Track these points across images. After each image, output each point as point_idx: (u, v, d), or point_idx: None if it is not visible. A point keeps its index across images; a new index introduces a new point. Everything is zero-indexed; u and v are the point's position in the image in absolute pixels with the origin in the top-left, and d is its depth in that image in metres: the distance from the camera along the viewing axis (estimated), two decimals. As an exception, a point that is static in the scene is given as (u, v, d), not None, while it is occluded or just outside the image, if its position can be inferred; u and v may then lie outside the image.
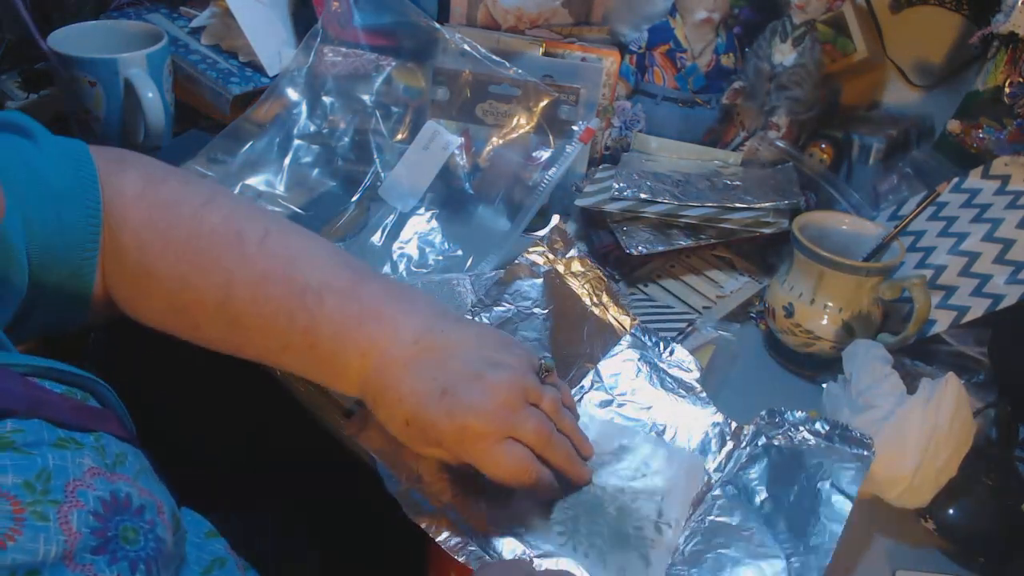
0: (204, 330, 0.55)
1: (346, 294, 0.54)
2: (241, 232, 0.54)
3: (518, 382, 0.51)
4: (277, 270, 0.54)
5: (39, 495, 0.36)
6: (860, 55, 0.94)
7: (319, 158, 0.86)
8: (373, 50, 0.88)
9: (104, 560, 0.37)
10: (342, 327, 0.53)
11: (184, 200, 0.55)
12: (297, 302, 0.53)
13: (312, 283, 0.53)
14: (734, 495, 0.55)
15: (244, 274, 0.53)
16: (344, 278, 0.54)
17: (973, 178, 0.77)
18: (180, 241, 0.53)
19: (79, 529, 0.36)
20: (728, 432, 0.60)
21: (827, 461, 0.55)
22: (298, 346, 0.53)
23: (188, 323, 0.55)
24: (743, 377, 0.69)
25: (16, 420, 0.38)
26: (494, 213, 0.86)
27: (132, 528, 0.39)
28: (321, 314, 0.52)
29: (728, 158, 0.87)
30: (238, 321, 0.53)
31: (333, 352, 0.53)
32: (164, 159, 0.83)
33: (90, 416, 0.42)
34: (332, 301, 0.53)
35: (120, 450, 0.42)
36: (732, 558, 0.51)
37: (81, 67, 0.81)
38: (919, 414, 0.55)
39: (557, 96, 0.83)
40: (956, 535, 0.56)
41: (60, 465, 0.37)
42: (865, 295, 0.67)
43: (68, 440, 0.39)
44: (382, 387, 0.52)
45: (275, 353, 0.55)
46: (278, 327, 0.53)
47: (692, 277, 0.79)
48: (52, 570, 0.34)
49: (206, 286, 0.53)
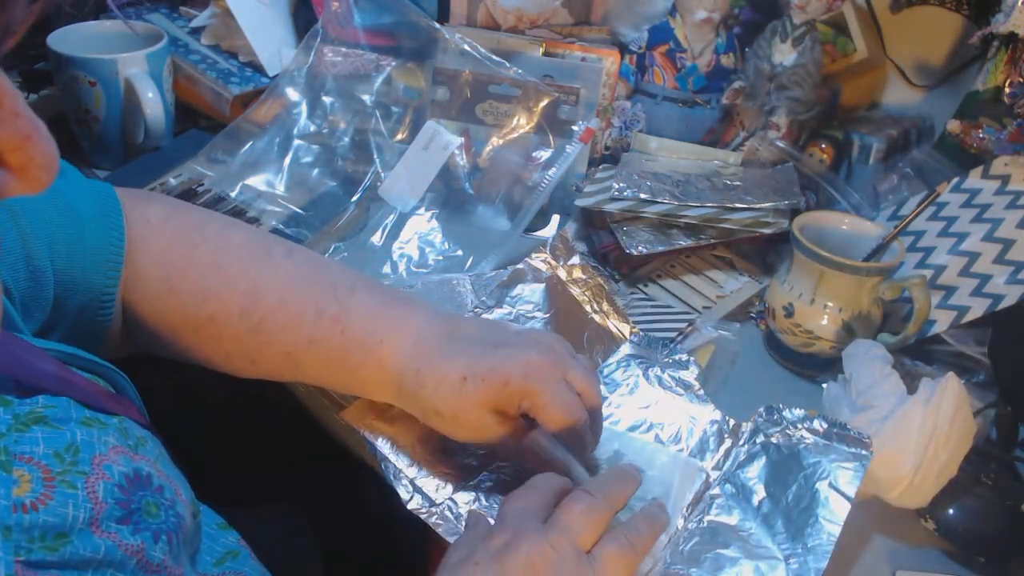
0: (224, 343, 0.54)
1: (376, 288, 0.55)
2: (268, 246, 0.55)
3: (559, 339, 0.54)
4: (305, 273, 0.55)
5: (68, 465, 0.37)
6: (860, 55, 0.94)
7: (319, 158, 0.86)
8: (373, 50, 0.89)
9: (128, 530, 0.38)
10: (376, 309, 0.54)
11: (209, 222, 0.56)
12: (328, 296, 0.54)
13: (341, 281, 0.55)
14: (732, 494, 0.55)
15: (271, 279, 0.54)
16: (370, 279, 0.56)
17: (973, 178, 0.77)
18: (206, 256, 0.54)
19: (105, 499, 0.37)
20: (726, 429, 0.60)
21: (825, 460, 0.55)
22: (326, 334, 0.53)
23: (208, 337, 0.54)
24: (743, 377, 0.69)
25: (48, 396, 0.39)
26: (494, 213, 0.86)
27: (154, 503, 0.40)
28: (352, 301, 0.54)
29: (728, 158, 0.87)
30: (262, 326, 0.53)
31: (365, 332, 0.53)
32: (164, 159, 0.84)
33: (113, 401, 0.43)
34: (363, 291, 0.54)
35: (141, 434, 0.43)
36: (731, 558, 0.51)
37: (81, 67, 0.81)
38: (919, 414, 0.55)
39: (557, 96, 0.83)
40: (956, 535, 0.56)
41: (87, 440, 0.39)
42: (865, 295, 0.67)
43: (94, 420, 0.40)
44: (427, 353, 0.52)
45: (299, 351, 0.54)
46: (306, 321, 0.53)
47: (692, 277, 0.79)
48: (80, 534, 0.36)
49: (230, 294, 0.53)
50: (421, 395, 0.52)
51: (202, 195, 0.80)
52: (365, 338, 0.53)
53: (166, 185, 0.80)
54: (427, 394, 0.52)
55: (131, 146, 0.87)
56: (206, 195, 0.80)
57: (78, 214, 0.50)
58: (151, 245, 0.53)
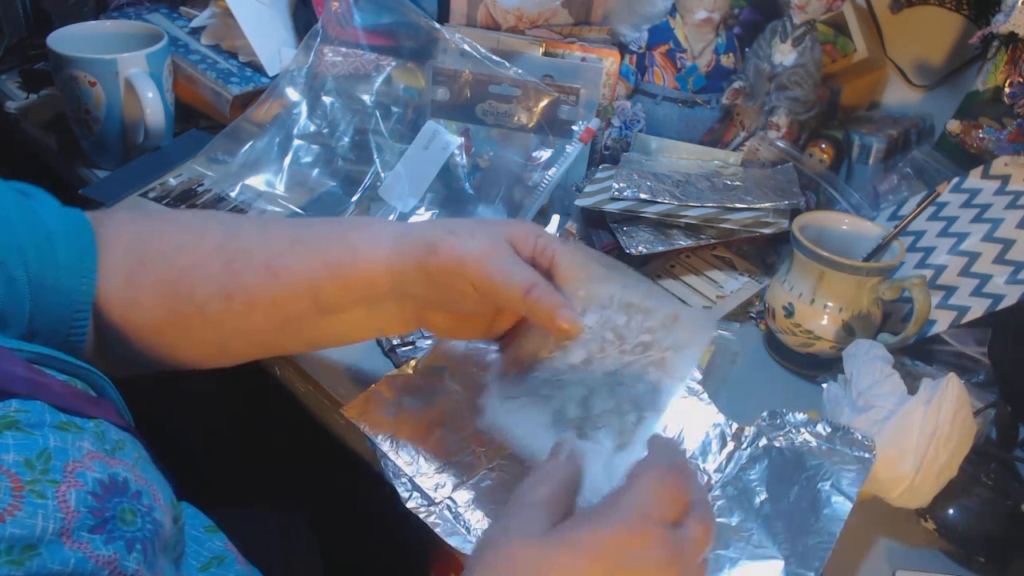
0: (199, 292, 0.52)
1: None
2: (237, 217, 0.58)
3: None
4: (271, 222, 0.56)
5: (38, 474, 0.36)
6: (860, 55, 0.94)
7: (319, 158, 0.86)
8: (373, 50, 0.89)
9: (101, 539, 0.37)
10: (348, 223, 0.56)
11: (176, 214, 0.59)
12: (300, 226, 0.55)
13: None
14: (734, 496, 0.55)
15: (240, 227, 0.55)
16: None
17: (973, 178, 0.77)
18: (177, 223, 0.56)
19: (77, 508, 0.36)
20: (729, 433, 0.60)
21: (828, 463, 0.55)
22: (308, 241, 0.53)
23: (184, 295, 0.52)
24: (743, 377, 0.69)
25: (20, 400, 0.38)
26: (494, 213, 0.86)
27: (130, 510, 0.39)
28: (322, 223, 0.55)
29: (728, 158, 0.87)
30: (238, 254, 0.52)
31: (352, 226, 0.54)
32: (164, 159, 0.84)
33: (90, 403, 0.43)
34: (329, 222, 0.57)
35: (119, 437, 0.42)
36: (731, 559, 0.51)
37: (81, 67, 0.81)
38: (920, 415, 0.55)
39: (557, 96, 0.83)
40: (956, 535, 0.56)
41: (60, 447, 0.38)
42: (865, 295, 0.67)
43: (69, 424, 0.39)
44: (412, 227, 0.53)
45: (281, 257, 0.53)
46: (283, 242, 0.53)
47: (692, 277, 0.79)
48: (49, 546, 0.35)
49: (204, 239, 0.53)
50: (427, 236, 0.51)
51: (202, 195, 0.80)
52: (354, 230, 0.54)
53: (166, 185, 0.80)
54: (428, 232, 0.51)
55: (131, 146, 0.87)
56: (206, 195, 0.80)
57: (49, 228, 0.50)
58: (121, 239, 0.53)
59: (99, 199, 0.78)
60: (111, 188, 0.79)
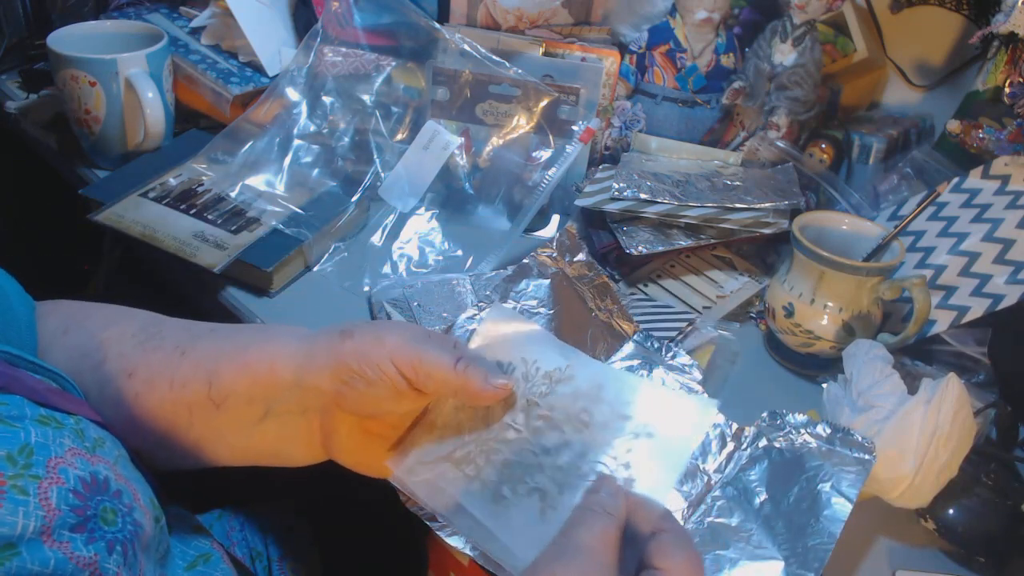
0: (109, 366, 0.50)
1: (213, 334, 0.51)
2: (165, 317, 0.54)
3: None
4: (201, 323, 0.52)
5: (20, 469, 0.35)
6: (860, 55, 0.94)
7: (319, 158, 0.86)
8: (373, 50, 0.89)
9: (82, 539, 0.36)
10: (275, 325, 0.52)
11: (111, 305, 0.55)
12: (229, 325, 0.52)
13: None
14: (734, 496, 0.55)
15: (167, 320, 0.52)
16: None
17: (973, 178, 0.77)
18: (109, 309, 0.53)
19: (58, 506, 0.36)
20: (729, 434, 0.60)
21: (828, 464, 0.55)
22: (225, 331, 0.50)
23: (93, 364, 0.50)
24: (743, 377, 0.69)
25: (1, 394, 0.38)
26: (494, 213, 0.86)
27: (111, 509, 0.38)
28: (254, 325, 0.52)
29: (728, 158, 0.87)
30: (149, 341, 0.50)
31: (276, 326, 0.51)
32: (164, 159, 0.84)
33: (67, 400, 0.42)
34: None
35: (98, 435, 0.42)
36: (730, 559, 0.51)
37: (81, 67, 0.81)
38: (920, 415, 0.55)
39: (557, 96, 0.83)
40: (956, 535, 0.56)
41: (42, 442, 0.37)
42: (865, 295, 0.67)
43: (50, 418, 0.39)
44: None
45: (191, 344, 0.49)
46: (203, 331, 0.50)
47: (692, 277, 0.79)
48: (29, 545, 0.34)
49: (129, 324, 0.52)
50: (339, 327, 0.48)
51: (202, 195, 0.80)
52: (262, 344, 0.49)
53: (166, 185, 0.80)
54: (340, 326, 0.48)
55: (131, 146, 0.87)
56: (206, 195, 0.80)
57: (2, 283, 0.49)
58: (57, 311, 0.53)
59: (99, 199, 0.78)
60: (111, 188, 0.79)
